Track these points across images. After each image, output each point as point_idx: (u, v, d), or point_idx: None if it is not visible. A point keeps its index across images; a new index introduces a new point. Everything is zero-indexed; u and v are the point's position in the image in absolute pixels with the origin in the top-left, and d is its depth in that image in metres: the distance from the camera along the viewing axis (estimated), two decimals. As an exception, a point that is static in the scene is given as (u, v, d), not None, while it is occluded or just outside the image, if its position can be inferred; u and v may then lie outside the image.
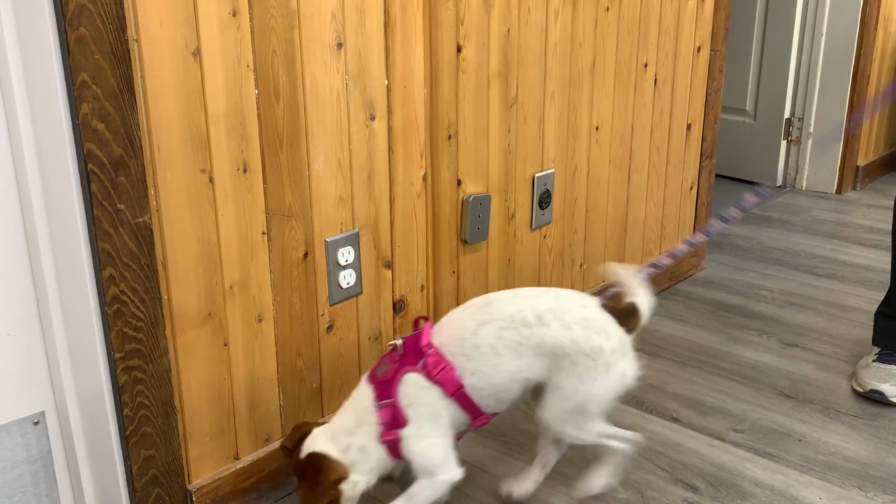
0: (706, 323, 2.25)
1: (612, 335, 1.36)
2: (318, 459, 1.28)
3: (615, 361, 1.35)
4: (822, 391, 1.90)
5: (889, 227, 1.97)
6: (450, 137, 1.68)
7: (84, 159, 1.15)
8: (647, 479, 1.59)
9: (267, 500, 1.53)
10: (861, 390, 1.86)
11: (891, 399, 1.82)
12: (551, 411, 1.37)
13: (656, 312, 2.31)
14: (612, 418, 1.81)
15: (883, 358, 1.88)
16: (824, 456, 1.66)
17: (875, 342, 1.94)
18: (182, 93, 1.24)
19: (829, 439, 1.71)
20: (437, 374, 1.30)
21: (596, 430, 1.41)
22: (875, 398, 1.83)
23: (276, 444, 1.52)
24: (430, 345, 1.32)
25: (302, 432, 1.33)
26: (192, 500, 1.41)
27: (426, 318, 1.38)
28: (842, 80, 3.28)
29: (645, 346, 2.12)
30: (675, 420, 1.79)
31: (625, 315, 1.40)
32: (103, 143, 1.16)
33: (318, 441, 1.30)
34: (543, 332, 1.32)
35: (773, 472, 1.61)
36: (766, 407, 1.84)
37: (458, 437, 1.38)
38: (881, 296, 1.99)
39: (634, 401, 1.86)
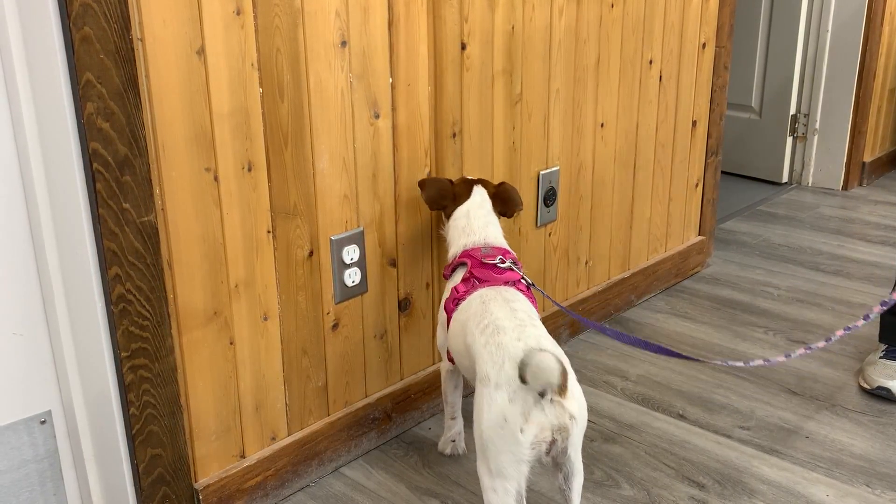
0: (712, 320, 2.25)
1: (505, 372, 1.19)
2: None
3: (497, 399, 1.18)
4: (829, 388, 1.89)
5: (895, 224, 1.96)
6: (454, 135, 1.68)
7: (89, 158, 1.16)
8: (653, 476, 1.59)
9: (273, 498, 1.53)
10: (868, 387, 1.85)
11: None
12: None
13: (661, 309, 2.32)
14: (617, 416, 1.81)
15: (890, 355, 1.87)
16: (831, 453, 1.65)
17: (882, 339, 1.93)
18: (186, 92, 1.25)
19: (836, 436, 1.71)
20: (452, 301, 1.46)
21: (486, 497, 1.21)
22: (882, 395, 1.83)
23: (282, 443, 1.53)
24: (470, 288, 1.44)
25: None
26: (198, 498, 1.41)
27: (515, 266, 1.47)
28: (848, 76, 3.27)
29: (651, 344, 2.12)
30: (682, 417, 1.79)
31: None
32: (108, 143, 1.16)
33: None
34: (488, 325, 1.29)
35: (779, 469, 1.61)
36: (772, 404, 1.83)
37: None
38: (887, 292, 1.98)
39: (640, 398, 1.86)
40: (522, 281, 1.46)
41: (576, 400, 1.19)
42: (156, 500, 1.36)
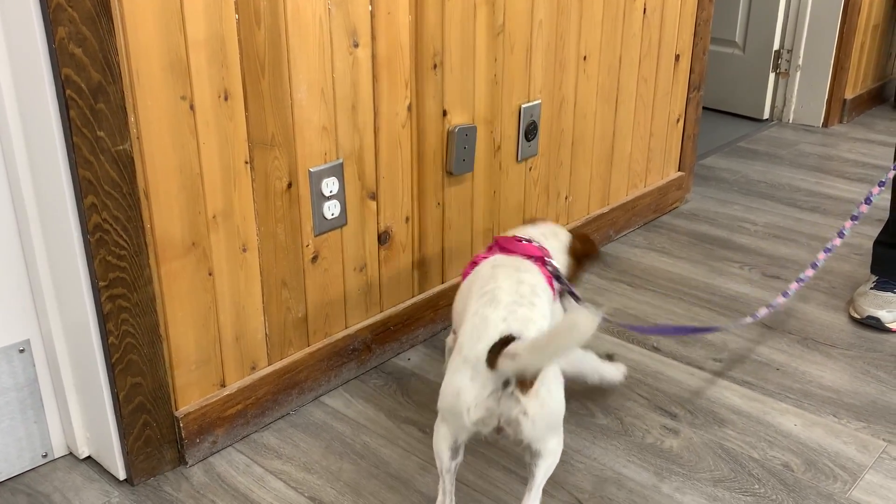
0: (689, 255, 2.27)
1: (476, 350, 1.15)
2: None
3: (460, 371, 1.15)
4: (801, 322, 1.93)
5: (874, 161, 1.98)
6: (435, 66, 1.66)
7: (62, 85, 1.13)
8: (626, 405, 1.63)
9: (254, 426, 1.55)
10: (858, 317, 1.90)
11: (887, 325, 1.87)
12: None
13: (639, 244, 2.34)
14: (592, 348, 1.83)
15: (880, 285, 1.92)
16: (801, 384, 1.69)
17: (873, 270, 1.98)
18: (161, 17, 1.22)
19: (806, 368, 1.75)
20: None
21: (434, 441, 1.24)
22: (872, 324, 1.88)
23: (262, 372, 1.54)
24: (489, 255, 1.42)
25: None
26: (179, 426, 1.43)
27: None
28: (832, 12, 3.24)
29: (627, 278, 2.14)
30: (656, 349, 1.82)
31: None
32: (81, 69, 1.14)
33: None
34: (486, 293, 1.25)
35: (750, 399, 1.65)
36: (745, 337, 1.87)
37: None
38: (865, 229, 2.01)
39: (616, 331, 1.88)
40: (545, 262, 1.39)
41: (539, 399, 1.14)
42: (136, 428, 1.38)
